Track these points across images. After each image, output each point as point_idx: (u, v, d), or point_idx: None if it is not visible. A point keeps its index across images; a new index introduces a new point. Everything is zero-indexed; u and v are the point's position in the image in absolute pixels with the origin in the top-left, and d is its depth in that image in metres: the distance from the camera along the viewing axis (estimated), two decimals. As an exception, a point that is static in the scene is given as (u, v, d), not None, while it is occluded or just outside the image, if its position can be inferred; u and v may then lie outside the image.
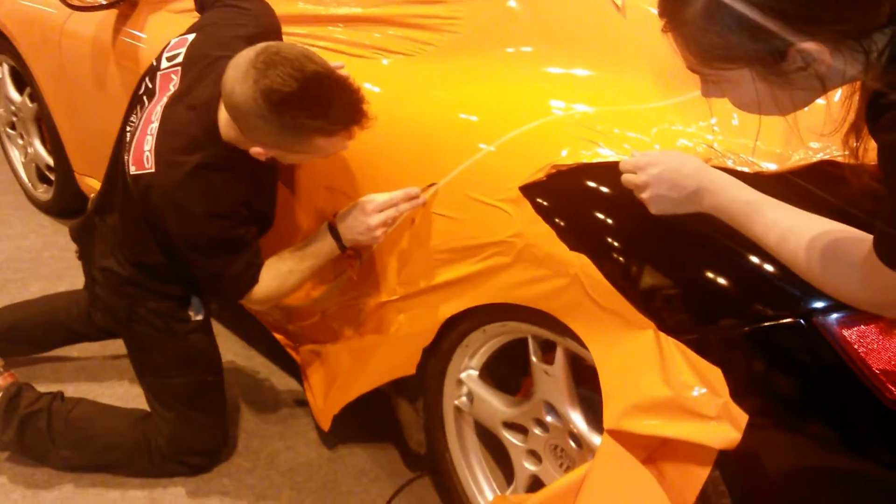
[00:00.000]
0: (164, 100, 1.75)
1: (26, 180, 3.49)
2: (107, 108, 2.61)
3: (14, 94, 3.34)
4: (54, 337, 2.34)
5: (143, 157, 1.69)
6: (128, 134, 1.84)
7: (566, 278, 1.33)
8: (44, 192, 3.42)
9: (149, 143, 1.69)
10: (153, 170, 1.67)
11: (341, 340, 1.95)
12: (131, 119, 1.86)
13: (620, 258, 1.27)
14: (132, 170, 1.72)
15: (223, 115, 1.65)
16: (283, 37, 2.05)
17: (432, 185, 1.57)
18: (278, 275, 1.75)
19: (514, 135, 1.46)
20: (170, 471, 2.03)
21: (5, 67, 3.33)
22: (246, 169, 1.69)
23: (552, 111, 1.49)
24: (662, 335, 1.22)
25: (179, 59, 1.79)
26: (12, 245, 3.13)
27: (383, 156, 1.70)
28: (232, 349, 2.57)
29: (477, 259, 1.48)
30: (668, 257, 1.25)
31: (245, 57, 1.54)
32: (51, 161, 3.27)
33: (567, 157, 1.37)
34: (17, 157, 3.52)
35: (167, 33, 2.32)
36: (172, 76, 1.78)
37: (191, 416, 1.99)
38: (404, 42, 1.78)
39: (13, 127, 3.46)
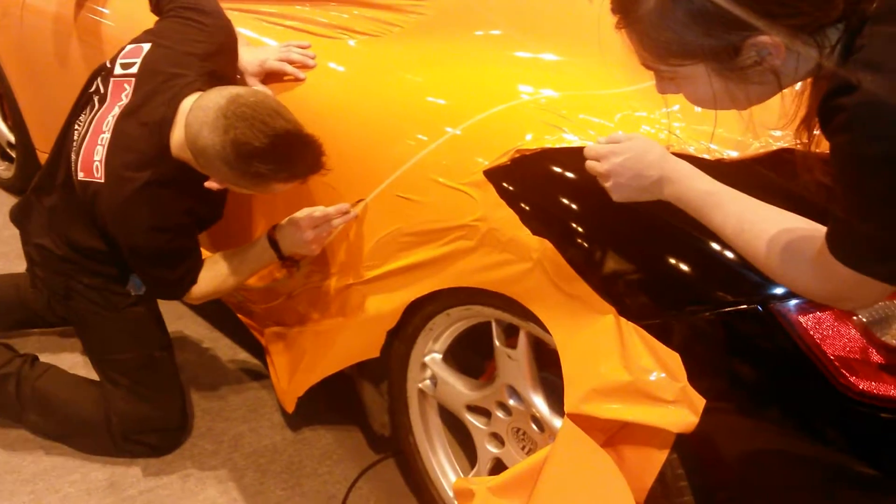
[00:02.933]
0: (116, 110, 1.77)
1: (-13, 158, 3.43)
2: (69, 84, 2.55)
3: (-27, 71, 3.26)
4: (13, 316, 2.31)
5: (93, 165, 1.74)
6: (75, 132, 1.86)
7: (529, 263, 1.33)
8: (5, 170, 3.35)
9: (99, 154, 1.73)
10: (102, 180, 1.72)
11: (306, 323, 1.94)
12: (80, 118, 1.87)
13: (583, 243, 1.28)
14: (80, 175, 1.77)
15: (176, 138, 1.68)
16: (251, 16, 2.03)
17: (360, 200, 1.64)
18: (217, 276, 1.84)
19: (480, 118, 1.45)
20: (130, 450, 2.01)
21: (-36, 42, 3.25)
22: (194, 182, 1.71)
23: (520, 95, 1.49)
24: (623, 320, 1.23)
25: (133, 70, 1.80)
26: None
27: (348, 139, 1.69)
28: (197, 331, 2.55)
29: (441, 242, 1.47)
30: (631, 243, 1.26)
31: (214, 102, 1.58)
32: (12, 138, 3.21)
33: (531, 141, 1.37)
34: (-24, 134, 3.45)
35: (130, 9, 2.29)
36: (125, 86, 1.79)
37: (141, 393, 1.98)
38: (370, 23, 1.77)
39: (-27, 105, 3.39)
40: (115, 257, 1.88)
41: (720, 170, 1.28)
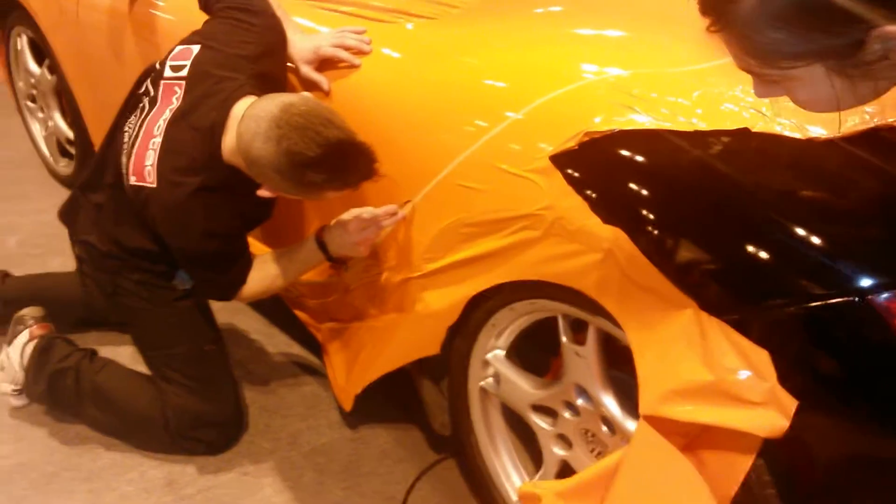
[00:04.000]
0: (167, 114, 1.75)
1: (47, 154, 3.46)
2: (125, 80, 2.51)
3: (33, 67, 3.29)
4: (75, 313, 2.32)
5: (145, 170, 1.73)
6: (125, 135, 1.85)
7: (599, 253, 1.24)
8: (65, 167, 3.38)
9: (150, 158, 1.73)
10: (154, 185, 1.72)
11: (363, 318, 1.88)
12: (130, 120, 1.86)
13: (658, 231, 1.18)
14: (132, 179, 1.76)
15: (228, 144, 1.67)
16: (305, 4, 1.97)
17: (408, 201, 1.61)
18: (266, 278, 1.84)
19: (543, 101, 1.37)
20: (187, 448, 1.98)
21: (24, 39, 3.28)
22: (245, 185, 1.69)
23: (583, 75, 1.40)
24: (704, 314, 1.13)
25: (184, 73, 1.78)
26: (33, 220, 3.10)
27: (405, 126, 1.62)
28: (252, 326, 2.52)
29: (505, 233, 1.39)
30: (710, 230, 1.15)
31: (266, 111, 1.56)
32: (71, 135, 3.23)
33: (601, 123, 1.27)
34: (37, 130, 3.49)
35: (185, 2, 2.26)
36: (176, 88, 1.78)
37: (193, 388, 1.96)
38: (428, 5, 1.70)
39: (33, 100, 3.42)
40: (162, 256, 1.87)
41: (809, 151, 1.18)
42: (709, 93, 1.28)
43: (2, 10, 3.28)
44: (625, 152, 1.24)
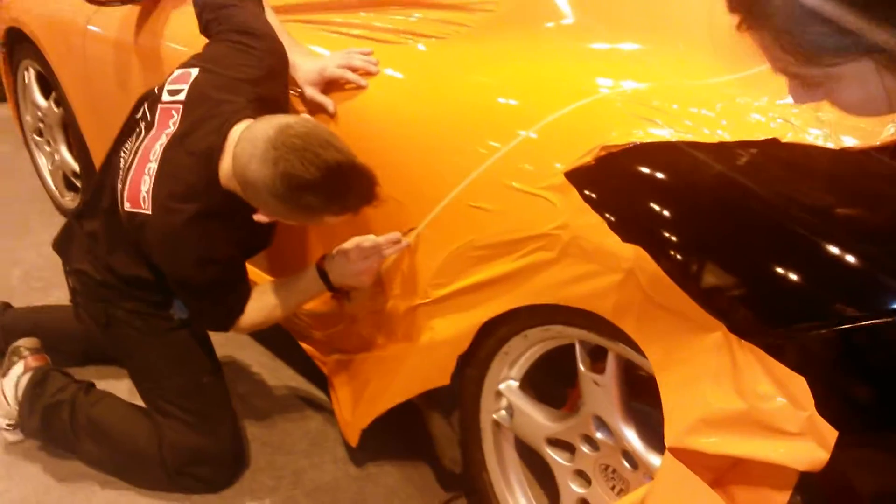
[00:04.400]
0: (164, 138, 1.70)
1: (53, 188, 3.43)
2: (130, 110, 2.51)
3: (40, 100, 3.27)
4: (77, 346, 2.26)
5: (140, 197, 1.67)
6: (122, 160, 1.80)
7: (619, 274, 1.16)
8: (71, 200, 3.34)
9: (146, 184, 1.67)
10: (150, 212, 1.65)
11: (370, 349, 1.80)
12: (125, 145, 1.82)
13: (682, 250, 1.10)
14: (127, 205, 1.70)
15: (225, 168, 1.62)
16: (313, 26, 1.93)
17: (412, 229, 1.56)
18: (264, 308, 1.77)
19: (557, 116, 1.30)
20: (185, 485, 1.89)
21: (32, 72, 3.27)
22: (243, 212, 1.63)
23: (599, 90, 1.33)
24: (734, 338, 1.05)
25: (181, 97, 1.73)
26: (36, 253, 3.06)
27: (413, 148, 1.55)
28: (257, 360, 2.44)
29: (517, 255, 1.32)
30: (739, 248, 1.08)
31: (263, 132, 1.50)
32: (77, 168, 3.19)
33: (618, 137, 1.21)
34: (44, 164, 3.46)
35: (190, 30, 2.22)
36: (173, 112, 1.72)
37: (190, 422, 1.87)
38: (437, 25, 1.65)
39: (40, 134, 3.40)
40: (157, 285, 1.81)
41: (843, 163, 1.11)
42: (733, 104, 1.21)
43: (10, 44, 3.27)
44: (645, 166, 1.17)
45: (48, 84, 3.17)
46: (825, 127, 1.12)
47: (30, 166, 3.59)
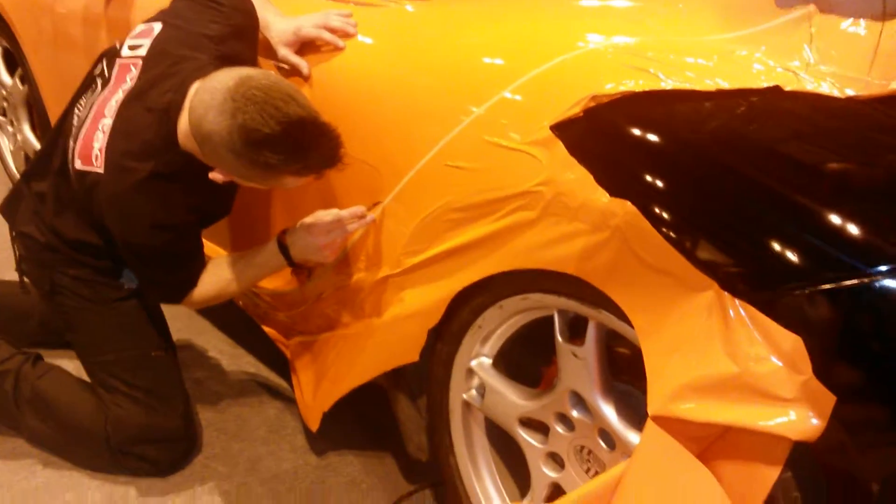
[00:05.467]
0: (120, 94, 1.61)
1: (14, 170, 3.30)
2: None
3: (5, 77, 3.16)
4: (27, 327, 2.13)
5: (92, 154, 1.57)
6: (75, 118, 1.70)
7: (605, 232, 1.09)
8: (32, 182, 3.21)
9: (99, 141, 1.57)
10: (101, 170, 1.56)
11: (335, 327, 1.71)
12: (80, 101, 1.72)
13: (675, 204, 1.03)
14: (78, 164, 1.60)
15: (183, 125, 1.52)
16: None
17: (377, 203, 1.50)
18: (219, 281, 1.68)
19: (543, 69, 1.23)
20: (129, 467, 1.78)
21: (-1, 49, 3.16)
22: (201, 175, 1.52)
23: (589, 46, 1.27)
24: (726, 296, 0.97)
25: (141, 52, 1.64)
26: (-8, 233, 2.92)
27: (393, 112, 1.48)
28: (217, 346, 2.33)
29: (496, 216, 1.24)
30: (735, 200, 1.00)
31: (222, 83, 1.40)
32: (39, 147, 3.07)
33: (611, 89, 1.13)
34: (6, 145, 3.34)
35: (161, 1, 2.14)
36: (132, 67, 1.63)
37: (136, 398, 1.76)
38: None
39: (3, 113, 3.28)
40: (106, 251, 1.71)
41: (848, 112, 1.05)
42: (733, 56, 1.15)
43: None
44: (636, 117, 1.10)
45: (13, 63, 3.07)
46: (829, 78, 1.06)
47: (-9, 149, 3.48)
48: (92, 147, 1.58)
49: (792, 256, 0.94)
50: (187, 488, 1.78)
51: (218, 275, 1.68)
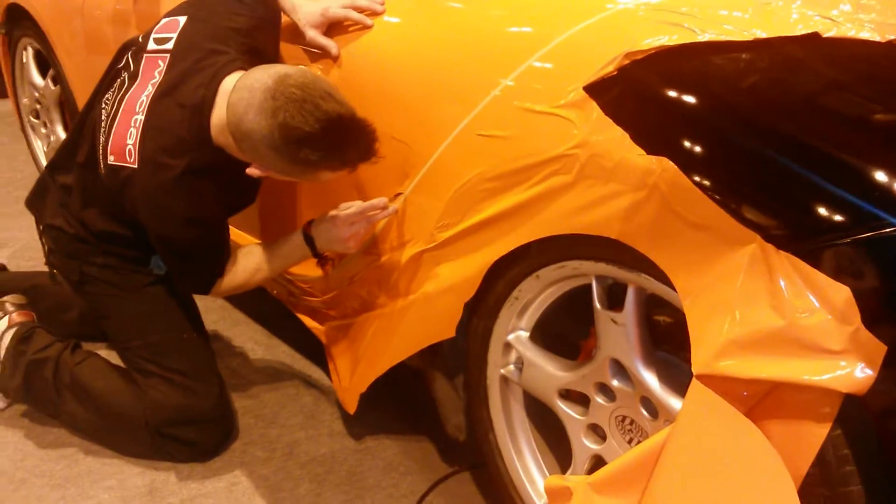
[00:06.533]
0: (150, 89, 1.62)
1: (49, 172, 3.34)
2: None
3: (38, 79, 3.21)
4: (67, 317, 2.14)
5: (126, 149, 1.59)
6: (102, 112, 1.71)
7: (643, 191, 1.07)
8: (66, 183, 3.25)
9: (132, 136, 1.59)
10: (136, 166, 1.58)
11: (371, 308, 1.70)
12: (107, 97, 1.73)
13: (713, 158, 1.01)
14: (111, 159, 1.62)
15: (216, 121, 1.54)
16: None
17: (399, 194, 1.51)
18: (245, 270, 1.71)
19: (574, 32, 1.22)
20: (169, 451, 1.79)
21: (30, 51, 3.20)
22: (233, 169, 1.56)
23: (618, 6, 1.25)
24: (770, 248, 0.95)
25: (169, 45, 1.65)
26: (29, 235, 2.96)
27: (423, 88, 1.47)
28: (252, 337, 2.34)
29: (530, 183, 1.23)
30: (777, 151, 0.98)
31: (261, 82, 1.43)
32: (73, 148, 3.11)
33: (646, 46, 1.12)
34: (40, 147, 3.39)
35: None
36: (159, 62, 1.64)
37: (171, 379, 1.78)
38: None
39: (37, 115, 3.32)
40: (135, 241, 1.74)
41: (890, 57, 1.02)
42: (769, 7, 1.12)
43: (11, 22, 3.21)
44: (672, 71, 1.08)
45: (46, 64, 3.11)
46: (869, 24, 1.03)
47: (27, 153, 3.53)
48: (125, 143, 1.59)
49: (837, 207, 0.92)
50: (226, 472, 1.79)
51: (245, 264, 1.71)
